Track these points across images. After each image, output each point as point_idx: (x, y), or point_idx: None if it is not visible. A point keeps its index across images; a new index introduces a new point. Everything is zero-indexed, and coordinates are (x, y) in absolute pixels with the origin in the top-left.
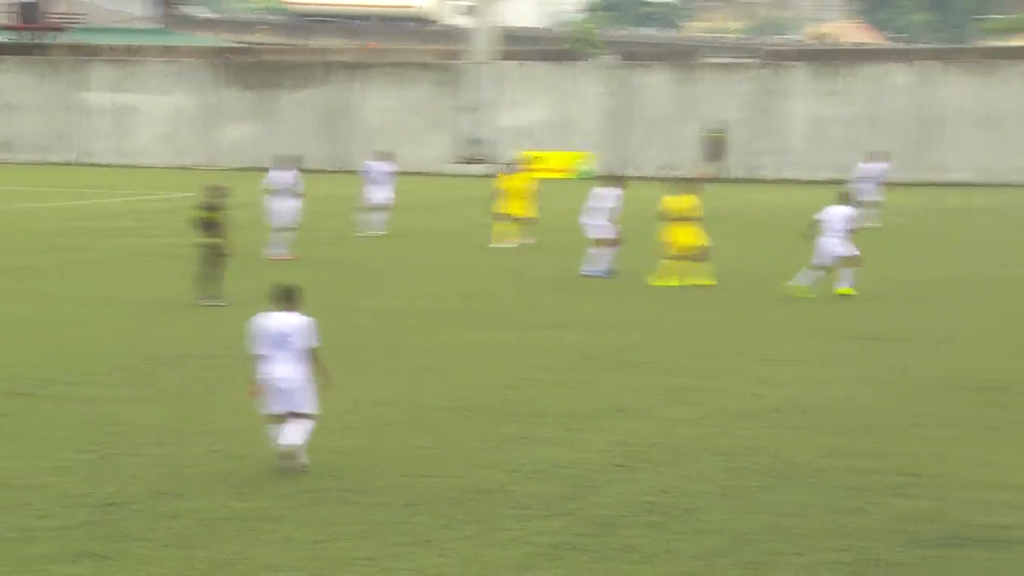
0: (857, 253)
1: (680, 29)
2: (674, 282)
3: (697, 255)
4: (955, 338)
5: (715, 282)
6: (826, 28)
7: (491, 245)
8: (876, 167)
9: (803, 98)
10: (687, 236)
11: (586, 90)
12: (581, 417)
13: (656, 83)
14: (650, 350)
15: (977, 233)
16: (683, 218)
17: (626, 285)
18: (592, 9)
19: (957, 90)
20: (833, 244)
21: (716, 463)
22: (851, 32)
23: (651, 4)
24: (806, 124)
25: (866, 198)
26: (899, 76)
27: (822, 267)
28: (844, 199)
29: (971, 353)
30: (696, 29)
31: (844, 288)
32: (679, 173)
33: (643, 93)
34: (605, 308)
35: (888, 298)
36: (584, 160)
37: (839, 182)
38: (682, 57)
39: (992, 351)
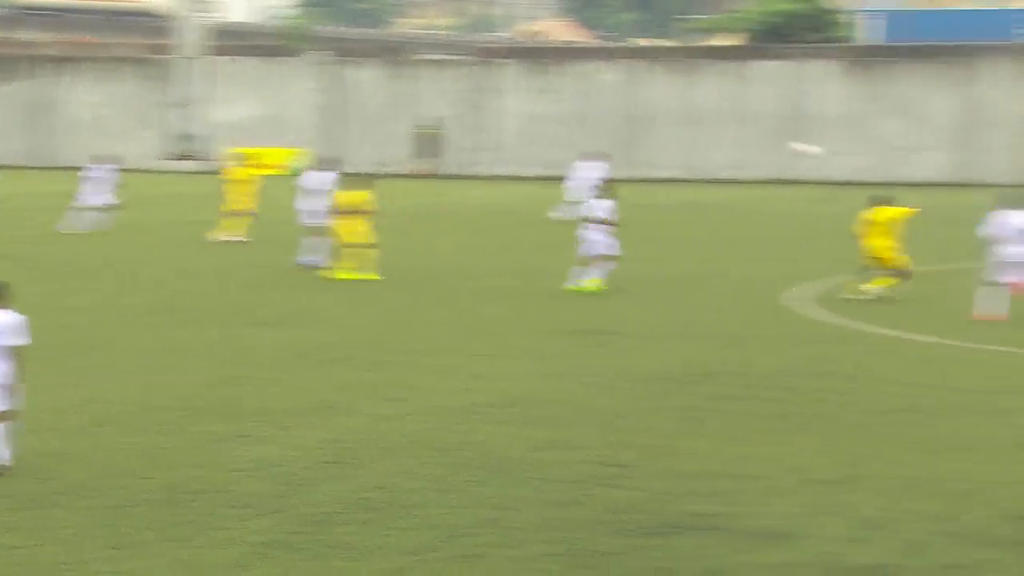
0: (616, 250)
1: (392, 26)
2: (348, 275)
3: (362, 249)
4: (667, 333)
5: (379, 277)
6: (536, 26)
7: (212, 238)
8: (594, 165)
9: (515, 95)
10: (354, 230)
11: (299, 86)
12: (293, 415)
13: (369, 79)
14: (360, 346)
15: (687, 229)
16: (353, 212)
17: (339, 280)
18: (304, 5)
19: (662, 88)
20: (595, 237)
21: (429, 458)
22: (561, 30)
23: (363, 0)
24: (518, 121)
25: (579, 197)
26: (607, 74)
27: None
28: (606, 193)
29: (681, 347)
30: (408, 26)
31: (592, 282)
32: (393, 170)
33: (356, 89)
34: (316, 303)
35: (605, 293)
36: (297, 156)
37: (551, 179)
38: (395, 53)
39: (700, 345)
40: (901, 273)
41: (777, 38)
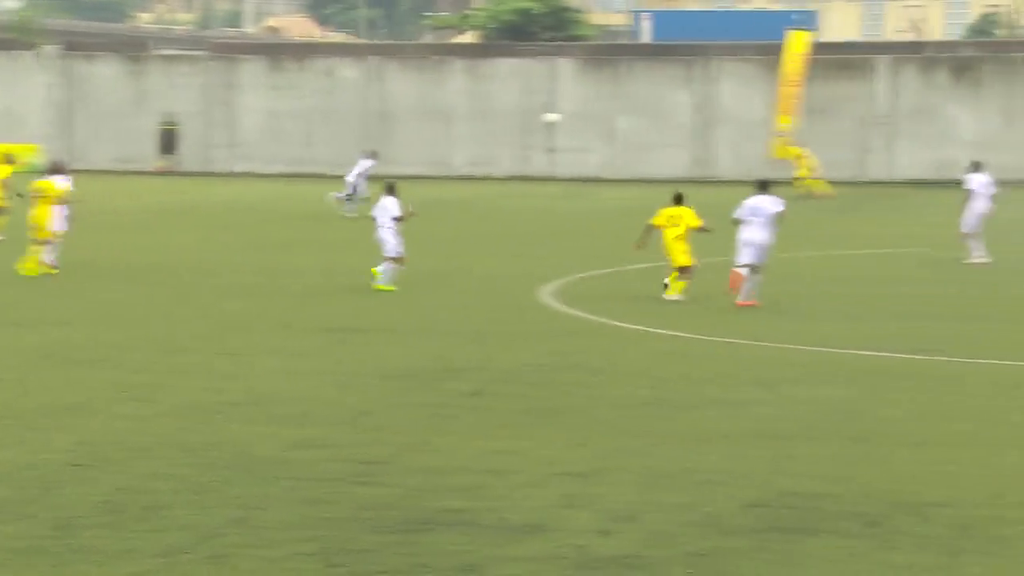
0: (401, 250)
1: (130, 20)
2: (33, 270)
3: (47, 240)
4: (415, 329)
5: (56, 270)
6: (275, 22)
7: None
8: (366, 163)
9: (255, 92)
10: (44, 221)
11: (31, 81)
12: (40, 417)
13: (106, 75)
14: (108, 346)
15: (431, 226)
16: (45, 200)
17: (87, 278)
18: None
19: (403, 85)
20: (388, 236)
21: (178, 459)
22: (300, 26)
23: None
24: (259, 118)
25: (360, 193)
26: (348, 71)
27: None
28: (391, 191)
29: (430, 344)
30: (145, 20)
31: (385, 284)
32: (134, 166)
33: (92, 85)
34: (63, 304)
35: (360, 290)
36: (32, 152)
37: (294, 176)
38: (133, 48)
39: (449, 341)
40: (689, 271)
41: (517, 36)
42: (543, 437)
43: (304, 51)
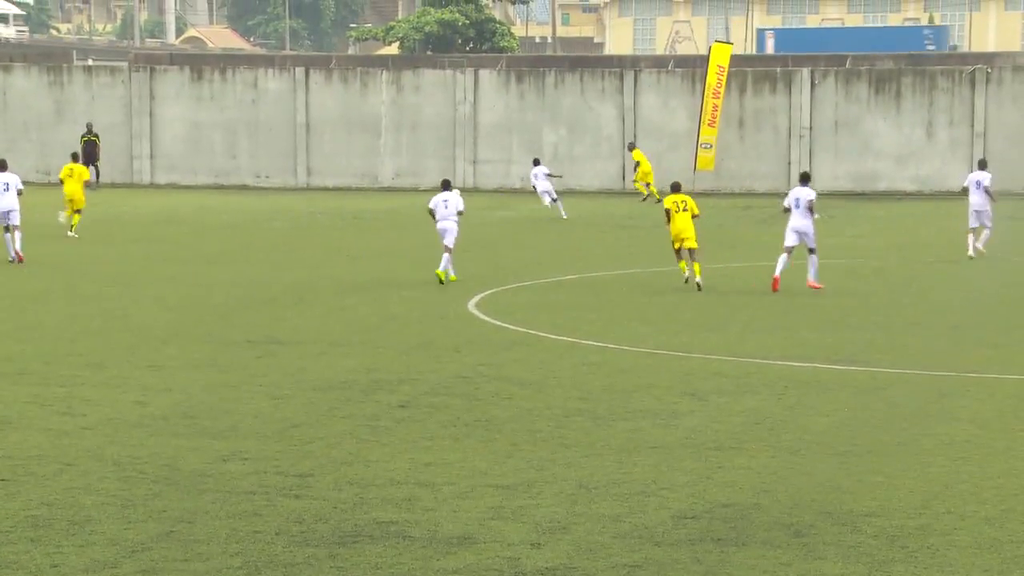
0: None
1: (51, 30)
2: None
3: None
4: (341, 341)
5: None
6: (197, 33)
7: None
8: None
9: (178, 103)
10: None
11: None
12: None
13: (26, 86)
14: (30, 360)
15: (357, 237)
16: None
17: (7, 291)
18: None
19: (329, 97)
20: (453, 227)
21: (105, 473)
22: (221, 37)
23: (17, 3)
24: (182, 128)
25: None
26: (272, 82)
27: None
28: (447, 186)
29: (357, 355)
30: (65, 31)
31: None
32: (54, 178)
33: (11, 95)
34: None
35: (287, 302)
36: None
37: (218, 187)
38: (53, 59)
39: (376, 353)
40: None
41: (441, 48)
42: (472, 449)
43: (226, 62)
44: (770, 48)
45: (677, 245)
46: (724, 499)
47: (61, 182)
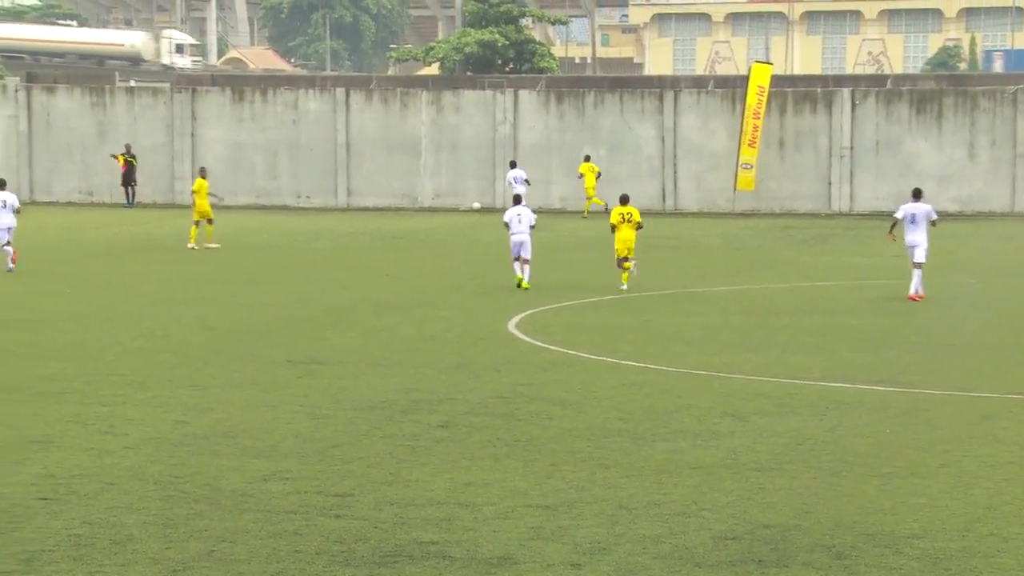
0: None
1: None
2: None
3: None
4: (382, 360)
5: None
6: (237, 53)
7: None
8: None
9: (219, 123)
10: None
11: None
12: (5, 450)
13: (68, 107)
14: (72, 379)
15: (403, 258)
16: None
17: (52, 310)
18: None
19: (369, 117)
20: (528, 240)
21: (146, 492)
22: (262, 58)
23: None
24: (224, 149)
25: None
26: (312, 103)
27: None
28: (519, 200)
29: (398, 375)
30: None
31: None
32: (96, 198)
33: (54, 116)
34: (20, 336)
35: (327, 322)
36: None
37: (259, 207)
38: (95, 80)
39: (418, 372)
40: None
41: (481, 68)
42: (512, 469)
43: (268, 83)
44: (998, 67)
45: (621, 254)
46: (765, 520)
47: (193, 193)
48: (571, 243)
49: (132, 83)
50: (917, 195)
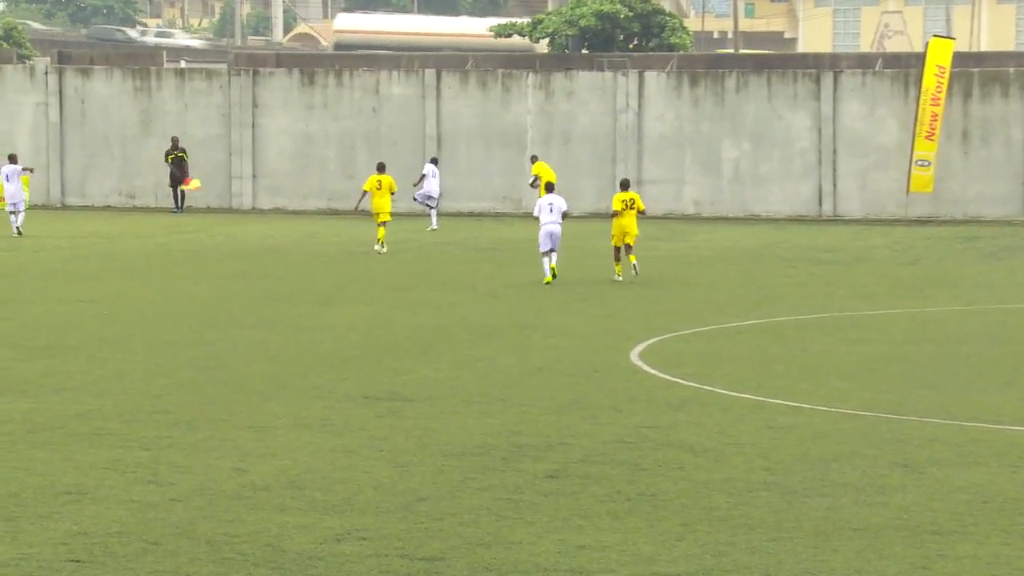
0: None
1: (138, 29)
2: None
3: None
4: (479, 398)
5: None
6: (308, 28)
7: None
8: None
9: (285, 112)
10: None
11: (18, 100)
12: (26, 504)
13: (107, 93)
14: (107, 417)
15: (505, 272)
16: None
17: (87, 336)
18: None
19: (464, 104)
20: (558, 231)
21: (197, 554)
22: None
23: None
24: (290, 143)
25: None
26: (397, 87)
27: None
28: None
29: (498, 414)
30: (152, 26)
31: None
32: (139, 202)
33: (90, 104)
34: (48, 365)
35: (412, 351)
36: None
37: (331, 213)
38: (138, 60)
39: (522, 412)
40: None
41: (599, 46)
42: (636, 529)
43: (344, 63)
44: None
45: (619, 243)
46: None
47: (364, 193)
48: (708, 256)
49: (182, 64)
50: None
